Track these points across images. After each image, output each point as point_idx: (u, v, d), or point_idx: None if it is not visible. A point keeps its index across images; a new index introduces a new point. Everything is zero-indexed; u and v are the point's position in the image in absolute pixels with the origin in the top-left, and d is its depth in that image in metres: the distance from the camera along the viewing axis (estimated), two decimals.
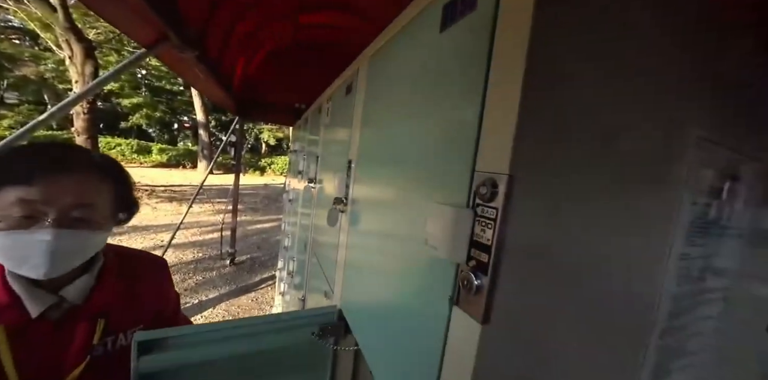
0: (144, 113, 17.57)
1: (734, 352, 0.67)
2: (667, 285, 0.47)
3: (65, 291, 0.58)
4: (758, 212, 0.63)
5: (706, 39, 0.45)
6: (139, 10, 1.35)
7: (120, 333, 0.67)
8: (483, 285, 0.30)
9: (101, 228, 0.59)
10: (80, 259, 0.58)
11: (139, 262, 0.77)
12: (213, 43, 2.44)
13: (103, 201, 0.58)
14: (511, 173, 0.29)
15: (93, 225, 0.56)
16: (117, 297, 0.66)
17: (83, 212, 0.54)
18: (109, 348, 0.64)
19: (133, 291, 0.70)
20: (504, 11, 0.33)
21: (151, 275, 0.78)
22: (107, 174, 0.60)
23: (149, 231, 5.31)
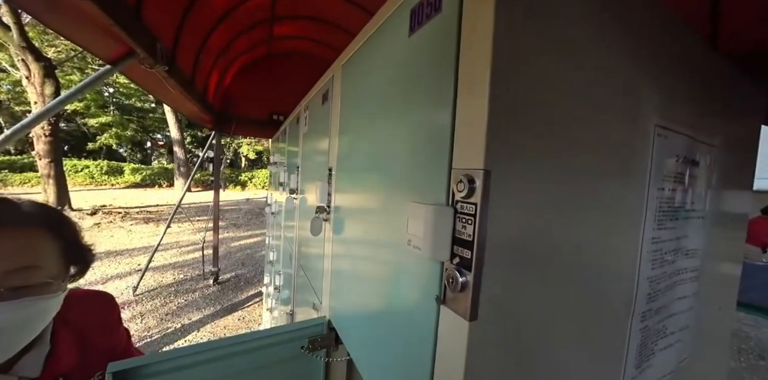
0: (113, 133, 16.87)
1: (708, 328, 0.71)
2: (643, 268, 0.49)
3: (20, 368, 0.51)
4: (716, 194, 0.68)
5: (659, 37, 0.49)
6: (100, 25, 1.31)
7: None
8: (468, 282, 0.30)
9: (51, 291, 0.50)
10: (33, 333, 0.49)
11: (85, 304, 0.69)
12: (184, 56, 2.39)
13: (48, 259, 0.50)
14: (486, 168, 0.30)
15: (40, 290, 0.48)
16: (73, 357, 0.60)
17: (24, 278, 0.46)
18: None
19: (86, 342, 0.64)
20: (467, 13, 0.34)
21: (99, 316, 0.71)
22: (45, 225, 0.52)
23: (124, 255, 5.04)
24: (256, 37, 3.46)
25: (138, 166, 17.00)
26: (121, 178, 15.67)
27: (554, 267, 0.37)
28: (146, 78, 2.10)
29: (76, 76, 13.36)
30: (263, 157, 22.15)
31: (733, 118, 0.72)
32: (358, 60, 0.69)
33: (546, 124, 0.35)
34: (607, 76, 0.41)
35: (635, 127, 0.47)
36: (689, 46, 0.56)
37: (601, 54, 0.40)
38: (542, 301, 0.36)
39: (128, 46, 1.62)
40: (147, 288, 3.79)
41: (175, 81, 2.14)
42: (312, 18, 3.22)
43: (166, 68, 1.89)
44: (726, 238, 0.76)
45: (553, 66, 0.35)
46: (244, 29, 3.09)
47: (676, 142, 0.54)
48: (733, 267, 0.79)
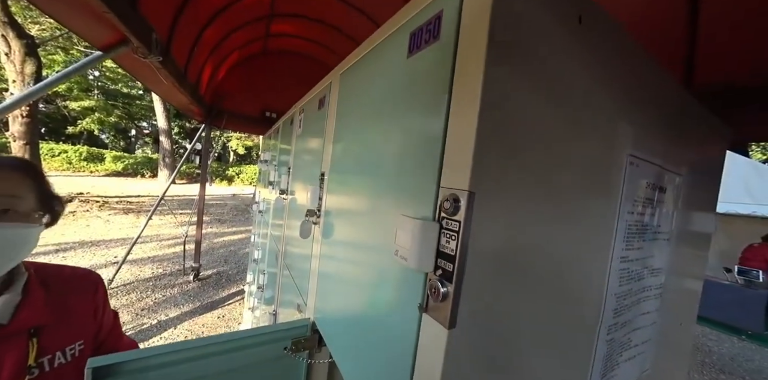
0: (96, 118, 16.24)
1: (669, 342, 0.76)
2: (611, 285, 0.53)
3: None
4: (682, 217, 0.73)
5: (635, 77, 0.53)
6: (94, 10, 1.29)
7: (57, 352, 0.63)
8: (449, 292, 0.33)
9: (30, 221, 0.59)
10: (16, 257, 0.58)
11: (68, 278, 0.73)
12: (179, 48, 2.36)
13: (27, 195, 0.60)
14: (471, 189, 0.32)
15: (21, 216, 0.57)
16: (47, 313, 0.63)
17: (9, 203, 0.56)
18: (47, 369, 0.61)
19: (65, 307, 0.67)
20: (462, 44, 0.37)
21: (82, 290, 0.74)
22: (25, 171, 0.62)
23: (100, 246, 4.87)
24: (253, 33, 3.44)
25: (120, 154, 16.45)
26: (101, 166, 15.11)
27: (530, 282, 0.40)
28: (138, 67, 2.06)
29: (59, 55, 12.83)
30: (252, 152, 21.81)
31: (699, 147, 0.78)
32: (356, 72, 0.71)
33: (529, 150, 0.38)
34: (586, 109, 0.45)
35: (610, 155, 0.51)
36: (662, 85, 0.61)
37: (582, 90, 0.44)
38: (516, 312, 0.39)
39: (122, 34, 1.59)
40: (123, 281, 3.67)
41: (168, 72, 2.11)
42: (312, 18, 3.22)
43: (160, 59, 1.86)
44: (690, 257, 0.81)
45: (539, 99, 0.39)
46: (242, 24, 3.07)
47: (646, 170, 0.58)
48: (695, 284, 0.86)
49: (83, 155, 14.89)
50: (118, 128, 21.02)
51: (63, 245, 4.73)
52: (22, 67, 6.83)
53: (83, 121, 16.17)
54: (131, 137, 24.74)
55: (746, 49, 1.33)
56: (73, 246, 4.71)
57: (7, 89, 7.90)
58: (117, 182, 12.50)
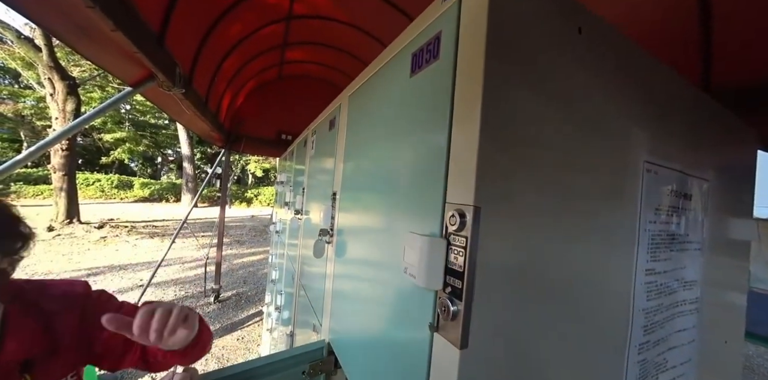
0: (126, 148, 17.39)
1: (715, 362, 0.69)
2: (637, 300, 0.49)
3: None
4: (714, 225, 0.69)
5: (648, 82, 0.53)
6: (125, 50, 1.41)
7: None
8: (459, 311, 0.32)
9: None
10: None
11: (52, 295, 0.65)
12: (200, 80, 2.53)
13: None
14: (476, 204, 0.32)
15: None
16: (37, 341, 0.57)
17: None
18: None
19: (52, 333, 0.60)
20: (461, 62, 0.38)
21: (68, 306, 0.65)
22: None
23: (127, 270, 5.04)
24: (269, 61, 3.66)
25: (147, 181, 17.35)
26: (130, 192, 15.96)
27: (545, 299, 0.38)
28: (163, 99, 2.22)
29: (96, 93, 14.02)
30: (270, 174, 22.47)
31: (725, 151, 0.74)
32: (363, 93, 0.73)
33: (537, 163, 0.38)
34: (595, 119, 0.45)
35: (624, 164, 0.49)
36: (677, 90, 0.60)
37: (590, 101, 0.44)
38: (533, 331, 0.37)
39: (149, 71, 1.73)
40: None
41: (191, 102, 2.25)
42: (322, 44, 3.41)
43: (183, 91, 1.99)
44: (728, 268, 0.75)
45: (543, 111, 0.39)
46: (257, 54, 3.28)
47: (667, 177, 0.56)
48: (738, 297, 0.79)
49: (114, 183, 15.82)
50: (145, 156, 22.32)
51: (94, 269, 4.93)
52: (64, 105, 7.49)
53: (115, 151, 17.33)
54: (157, 164, 26.16)
55: (762, 47, 1.29)
56: (103, 271, 4.90)
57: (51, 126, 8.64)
58: (144, 207, 13.10)
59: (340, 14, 2.88)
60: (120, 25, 1.22)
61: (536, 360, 0.38)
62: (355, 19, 2.83)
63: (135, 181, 16.63)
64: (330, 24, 2.99)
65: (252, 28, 2.82)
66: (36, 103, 13.77)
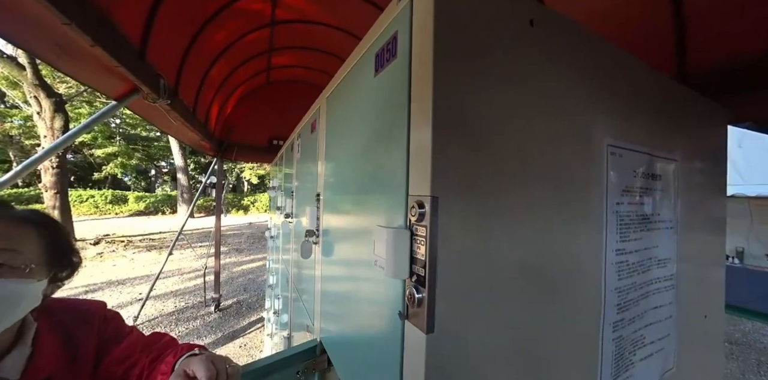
0: (119, 162, 17.25)
1: (695, 337, 0.71)
2: (609, 279, 0.51)
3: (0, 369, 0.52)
4: (687, 204, 0.71)
5: (600, 69, 0.54)
6: (106, 65, 1.42)
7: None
8: (424, 298, 0.33)
9: (29, 276, 0.54)
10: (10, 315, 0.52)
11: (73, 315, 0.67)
12: (186, 90, 2.53)
13: (27, 248, 0.55)
14: (433, 194, 0.34)
15: (17, 272, 0.52)
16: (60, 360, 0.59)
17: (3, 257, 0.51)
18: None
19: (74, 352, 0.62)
20: (415, 59, 0.40)
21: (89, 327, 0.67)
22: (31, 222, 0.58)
23: (125, 284, 5.00)
24: (256, 67, 3.66)
25: (142, 194, 17.24)
26: (125, 207, 15.84)
27: (511, 282, 0.40)
28: (149, 111, 2.21)
29: (84, 109, 13.90)
30: (265, 181, 22.40)
31: (693, 131, 0.76)
32: (338, 94, 0.75)
33: (495, 151, 0.39)
34: (554, 107, 0.46)
35: (587, 148, 0.51)
36: (639, 74, 0.62)
37: (546, 89, 0.45)
38: (499, 313, 0.39)
39: (133, 84, 1.74)
40: (148, 317, 3.73)
41: (177, 113, 2.25)
42: (308, 48, 3.42)
43: (169, 102, 2.00)
44: (704, 245, 0.78)
45: (498, 102, 0.40)
46: (244, 61, 3.28)
47: (633, 159, 0.58)
48: (715, 273, 0.81)
49: (108, 198, 15.69)
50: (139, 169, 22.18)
51: (91, 286, 4.89)
52: (52, 122, 7.43)
53: (107, 166, 17.19)
54: (151, 177, 25.99)
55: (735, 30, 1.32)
56: (101, 287, 4.86)
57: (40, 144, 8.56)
58: (140, 221, 13.01)
59: (323, 17, 2.89)
60: (98, 41, 1.22)
61: (504, 341, 0.39)
62: (339, 21, 2.85)
63: (129, 195, 16.51)
64: (314, 27, 3.00)
65: (236, 36, 2.82)
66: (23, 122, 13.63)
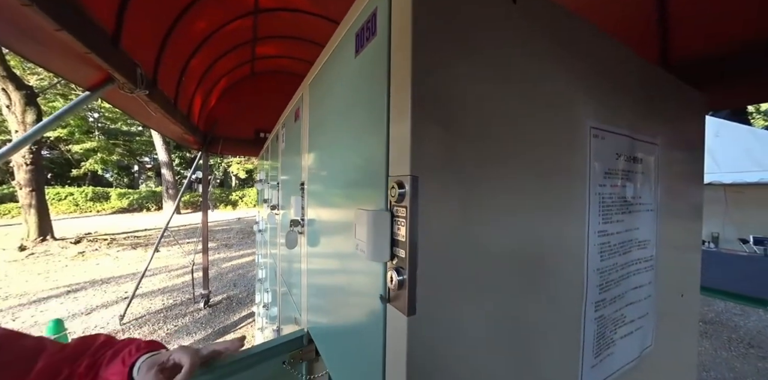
0: (98, 158, 16.61)
1: (672, 316, 0.73)
2: (591, 260, 0.52)
3: None
4: (667, 188, 0.72)
5: (582, 50, 0.54)
6: (76, 52, 1.34)
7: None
8: (405, 280, 0.32)
9: None
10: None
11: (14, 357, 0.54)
12: (166, 80, 2.43)
13: None
14: (413, 174, 0.33)
15: None
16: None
17: None
18: None
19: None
20: (394, 36, 0.38)
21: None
22: None
23: (110, 283, 4.88)
24: (240, 58, 3.55)
25: (125, 191, 16.72)
26: (107, 204, 15.34)
27: (493, 264, 0.40)
28: (127, 102, 2.12)
29: (59, 102, 13.26)
30: (253, 175, 22.04)
31: (673, 117, 0.77)
32: (320, 79, 0.73)
33: (477, 131, 0.38)
34: (536, 88, 0.46)
35: (569, 130, 0.51)
36: (621, 57, 0.62)
37: (528, 69, 0.45)
38: (482, 294, 0.39)
39: (107, 73, 1.65)
40: (135, 316, 3.66)
41: (157, 104, 2.17)
42: (293, 37, 3.32)
43: (147, 92, 1.91)
44: (681, 228, 0.80)
45: (478, 81, 0.39)
46: (226, 51, 3.17)
47: (615, 142, 0.58)
48: (691, 255, 0.83)
49: (89, 196, 15.15)
50: (120, 165, 21.44)
51: (74, 286, 4.75)
52: (23, 116, 7.07)
53: (86, 162, 16.55)
54: (134, 173, 25.22)
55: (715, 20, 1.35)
56: (84, 286, 4.73)
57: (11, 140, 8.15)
58: (124, 218, 12.65)
59: (308, 5, 2.81)
60: (65, 25, 1.15)
61: (489, 321, 0.39)
62: (325, 9, 2.77)
63: (111, 192, 15.99)
64: (299, 16, 2.92)
65: (218, 24, 2.72)
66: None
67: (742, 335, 3.18)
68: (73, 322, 3.45)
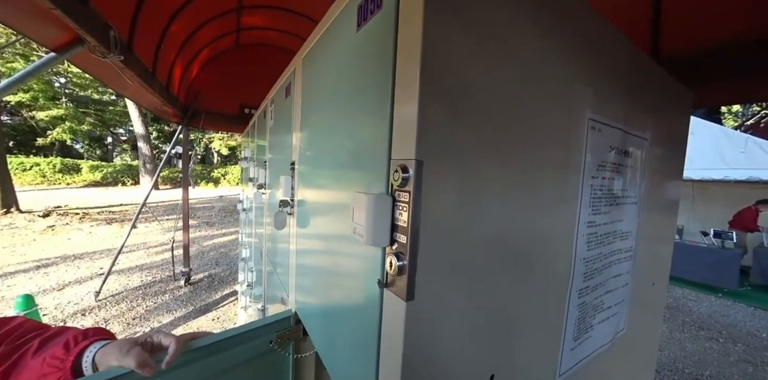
0: (67, 127, 15.52)
1: (643, 302, 0.79)
2: (579, 250, 0.53)
3: None
4: (649, 183, 0.74)
5: (592, 40, 0.52)
6: (38, 7, 1.21)
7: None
8: (405, 265, 0.32)
9: None
10: None
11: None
12: (143, 45, 2.24)
13: None
14: (418, 158, 0.32)
15: None
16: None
17: None
18: None
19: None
20: (402, 8, 0.35)
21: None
22: None
23: (83, 259, 4.73)
24: (224, 27, 3.31)
25: (98, 163, 15.89)
26: (78, 177, 14.59)
27: (490, 251, 0.40)
28: (99, 68, 1.96)
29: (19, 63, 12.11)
30: (237, 152, 21.34)
31: (662, 111, 0.79)
32: (315, 54, 0.68)
33: (479, 117, 0.37)
34: (540, 74, 0.44)
35: (569, 119, 0.50)
36: (621, 50, 0.61)
37: (534, 54, 0.43)
38: (478, 280, 0.39)
39: (75, 33, 1.50)
40: (111, 292, 3.59)
41: (133, 72, 2.01)
42: (279, 8, 3.12)
43: (121, 57, 1.76)
44: (658, 222, 0.84)
45: (487, 63, 0.37)
46: (210, 18, 2.95)
47: (610, 135, 0.58)
48: (665, 247, 0.88)
49: (57, 167, 14.32)
50: (92, 136, 20.21)
51: (44, 261, 4.57)
52: None
53: (53, 131, 15.45)
54: (108, 145, 23.87)
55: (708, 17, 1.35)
56: (55, 261, 4.56)
57: None
58: (97, 192, 12.10)
59: None
60: None
61: (482, 307, 0.40)
62: None
63: (83, 164, 15.16)
64: None
65: None
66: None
67: (695, 319, 3.49)
68: (44, 298, 3.36)
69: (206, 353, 0.65)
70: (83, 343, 0.56)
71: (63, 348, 0.55)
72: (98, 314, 3.09)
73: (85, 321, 2.96)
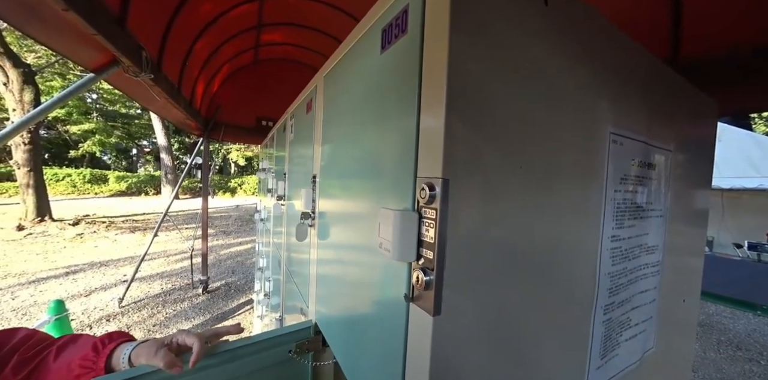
0: (97, 140, 16.46)
1: (673, 319, 0.75)
2: (603, 265, 0.52)
3: None
4: (676, 194, 0.73)
5: (611, 54, 0.53)
6: (82, 33, 1.31)
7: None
8: (431, 281, 0.33)
9: None
10: None
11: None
12: (170, 64, 2.39)
13: None
14: (444, 176, 0.33)
15: None
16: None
17: None
18: None
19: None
20: (428, 34, 0.37)
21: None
22: None
23: (109, 266, 4.92)
24: (244, 44, 3.48)
25: (123, 174, 16.65)
26: (105, 187, 15.31)
27: (515, 266, 0.40)
28: (131, 85, 2.09)
29: (57, 81, 13.04)
30: (253, 163, 21.94)
31: (686, 122, 0.77)
32: (337, 73, 0.72)
33: (504, 134, 0.38)
34: (562, 91, 0.45)
35: (590, 135, 0.51)
36: (641, 62, 0.61)
37: (557, 73, 0.44)
38: (504, 296, 0.39)
39: (112, 55, 1.62)
40: (133, 299, 3.71)
41: (161, 88, 2.14)
42: (298, 25, 3.26)
43: (152, 76, 1.88)
44: (687, 234, 0.81)
45: (508, 83, 0.39)
46: (232, 36, 3.11)
47: (631, 148, 0.58)
48: (695, 261, 0.85)
49: (87, 177, 15.10)
50: (119, 148, 21.29)
51: (73, 267, 4.78)
52: (21, 95, 6.95)
53: (84, 143, 16.40)
54: (133, 156, 25.05)
55: (728, 23, 1.33)
56: (83, 268, 4.76)
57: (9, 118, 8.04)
58: (122, 202, 12.64)
59: None
60: (72, 5, 1.12)
61: (507, 323, 0.40)
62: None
63: (110, 175, 15.94)
64: (306, 3, 2.85)
65: (223, 8, 2.65)
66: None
67: (731, 338, 3.26)
68: (72, 303, 3.49)
69: (227, 359, 0.67)
70: (111, 345, 0.60)
71: (92, 350, 0.58)
72: (121, 320, 3.18)
73: (109, 326, 3.05)
